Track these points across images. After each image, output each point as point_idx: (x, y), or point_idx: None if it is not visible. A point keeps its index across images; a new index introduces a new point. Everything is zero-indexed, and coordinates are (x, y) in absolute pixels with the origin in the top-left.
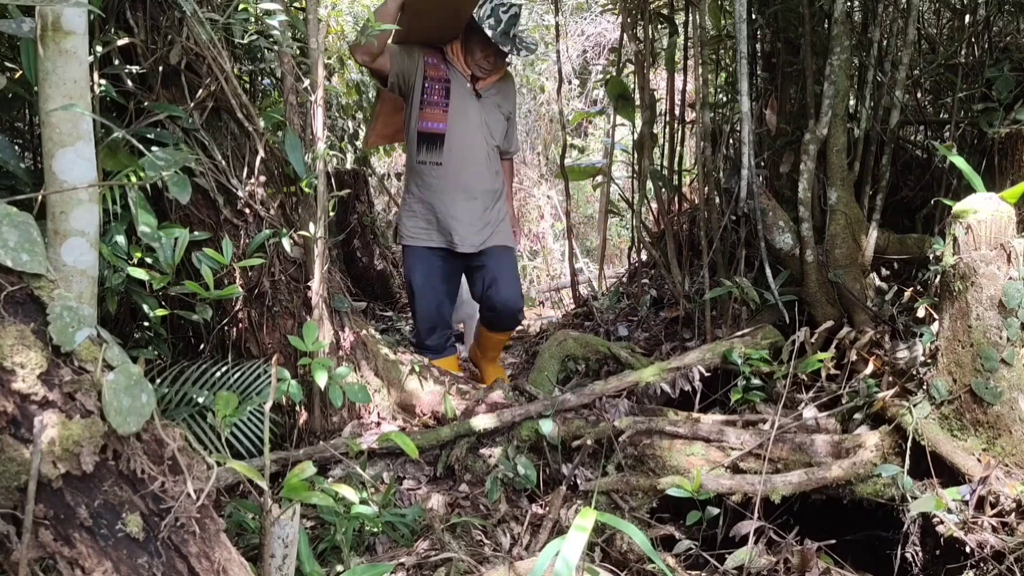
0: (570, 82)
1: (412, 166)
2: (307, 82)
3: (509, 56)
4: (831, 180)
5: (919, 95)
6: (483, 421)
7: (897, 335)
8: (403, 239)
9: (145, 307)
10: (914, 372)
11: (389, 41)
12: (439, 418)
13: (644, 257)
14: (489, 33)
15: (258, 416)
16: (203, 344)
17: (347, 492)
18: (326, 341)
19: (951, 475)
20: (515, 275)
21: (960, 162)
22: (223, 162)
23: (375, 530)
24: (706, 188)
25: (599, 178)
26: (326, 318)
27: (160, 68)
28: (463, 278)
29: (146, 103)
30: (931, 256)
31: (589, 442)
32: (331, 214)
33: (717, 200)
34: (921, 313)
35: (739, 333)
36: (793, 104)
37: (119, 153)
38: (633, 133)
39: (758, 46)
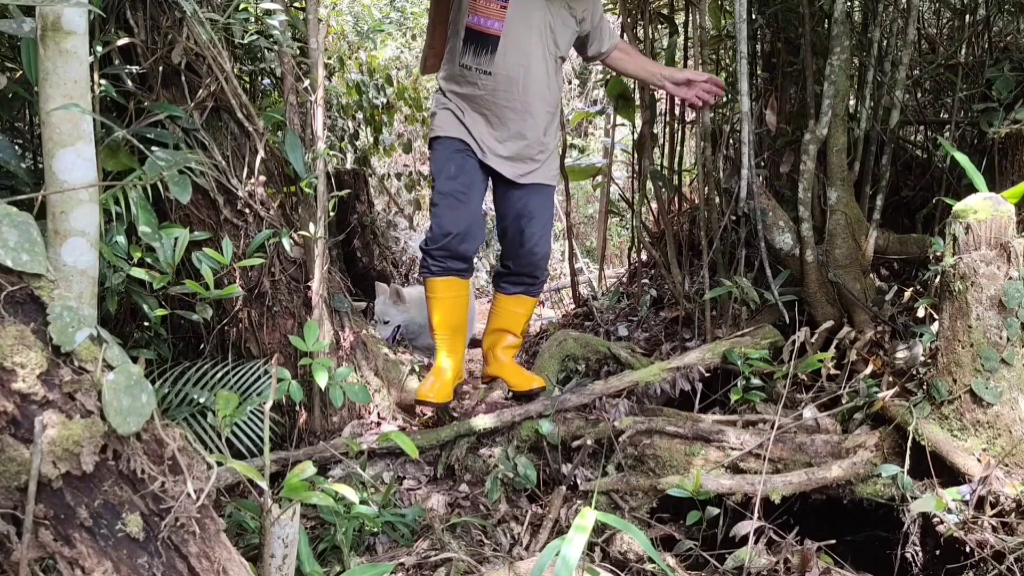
0: (570, 82)
1: (452, 69)
2: (307, 82)
3: None
4: (831, 180)
5: (919, 95)
6: (483, 421)
7: (897, 335)
8: (435, 130)
9: (145, 307)
10: (914, 372)
11: None
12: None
13: (644, 257)
14: None
15: (258, 416)
16: (203, 344)
17: (347, 492)
18: (326, 341)
19: (951, 475)
20: (549, 221)
21: (962, 159)
22: (223, 162)
23: (375, 530)
24: (706, 188)
25: (599, 178)
26: (326, 318)
27: (160, 68)
28: None
29: (146, 103)
30: (931, 256)
31: (589, 442)
32: (331, 214)
33: (717, 200)
34: (921, 313)
35: (739, 333)
36: (793, 104)
37: (119, 153)
38: (633, 133)
39: (758, 46)
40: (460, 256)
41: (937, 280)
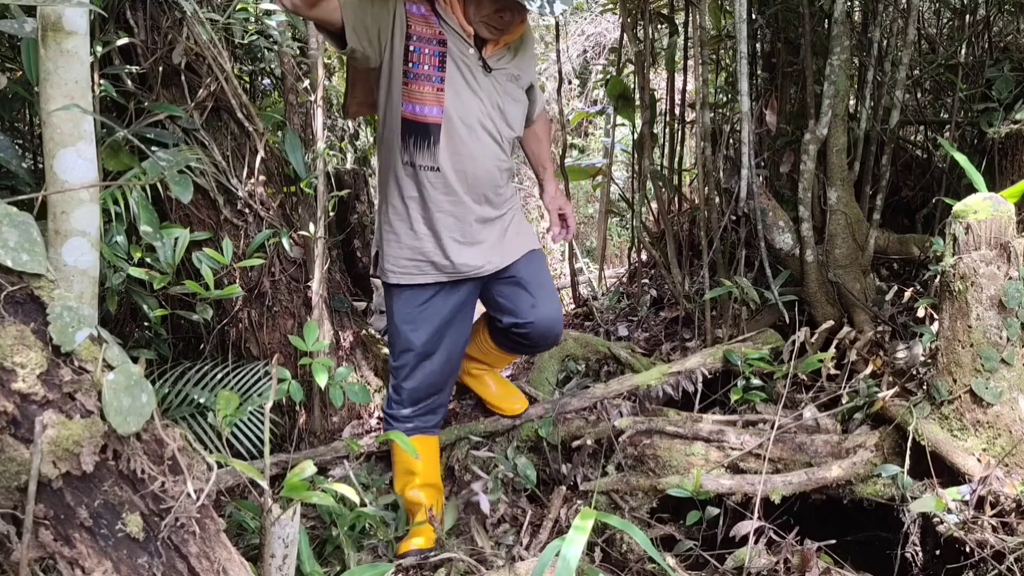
0: (570, 82)
1: (392, 169)
2: (307, 82)
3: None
4: (831, 180)
5: (919, 95)
6: (484, 426)
7: (897, 335)
8: (387, 275)
9: (145, 307)
10: (914, 372)
11: None
12: None
13: (644, 257)
14: None
15: (258, 416)
16: (203, 344)
17: (347, 492)
18: (326, 341)
19: (951, 475)
20: (552, 285)
21: (962, 159)
22: (223, 162)
23: (375, 530)
24: (706, 188)
25: (599, 178)
26: (326, 318)
27: (160, 68)
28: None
29: (146, 103)
30: (931, 256)
31: (589, 442)
32: (331, 214)
33: (717, 200)
34: (921, 313)
35: (741, 338)
36: (793, 104)
37: (120, 153)
38: (633, 133)
39: (758, 46)
40: (434, 413)
41: (937, 280)
